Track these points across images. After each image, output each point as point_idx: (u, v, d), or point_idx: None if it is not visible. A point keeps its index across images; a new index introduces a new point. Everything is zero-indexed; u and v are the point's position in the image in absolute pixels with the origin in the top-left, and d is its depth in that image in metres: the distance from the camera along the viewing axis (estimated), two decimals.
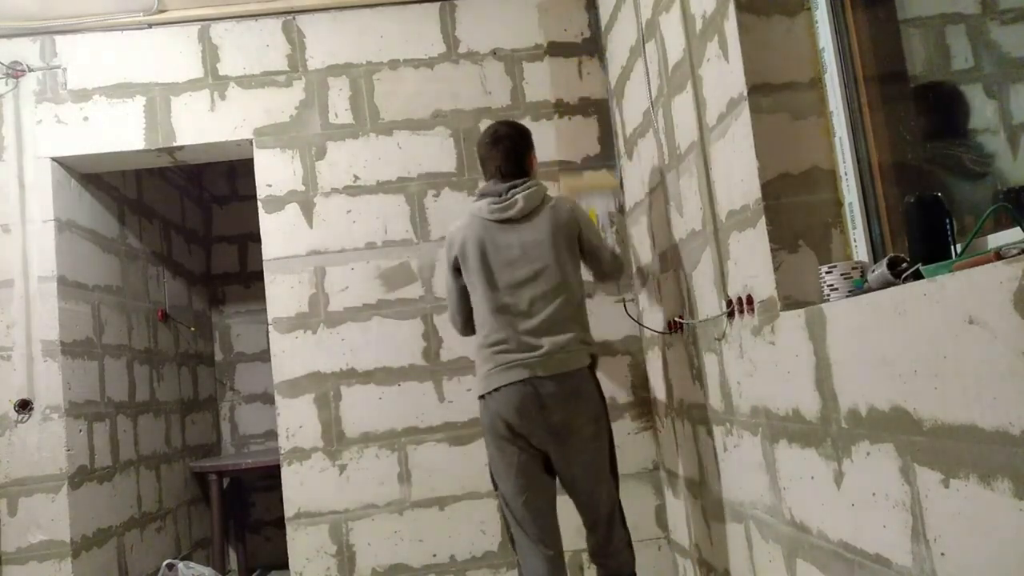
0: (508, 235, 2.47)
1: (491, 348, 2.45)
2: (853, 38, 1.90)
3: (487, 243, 2.47)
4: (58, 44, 3.47)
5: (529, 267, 2.45)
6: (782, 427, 1.96)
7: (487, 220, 2.49)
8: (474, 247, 2.48)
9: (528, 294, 2.43)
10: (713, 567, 2.69)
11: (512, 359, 2.40)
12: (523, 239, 2.46)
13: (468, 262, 2.50)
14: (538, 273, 2.44)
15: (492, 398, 2.43)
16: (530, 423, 2.40)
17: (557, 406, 2.39)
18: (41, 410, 3.26)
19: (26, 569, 3.17)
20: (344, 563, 3.26)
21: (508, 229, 2.48)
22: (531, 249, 2.45)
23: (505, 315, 2.43)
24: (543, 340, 2.40)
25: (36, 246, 3.35)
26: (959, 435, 1.27)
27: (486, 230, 2.49)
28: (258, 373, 5.15)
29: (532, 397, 2.38)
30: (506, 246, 2.47)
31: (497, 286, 2.45)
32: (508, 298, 2.44)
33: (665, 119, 2.68)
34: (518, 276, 2.45)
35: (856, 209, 1.88)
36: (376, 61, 3.53)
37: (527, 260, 2.45)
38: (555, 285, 2.44)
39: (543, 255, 2.45)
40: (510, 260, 2.46)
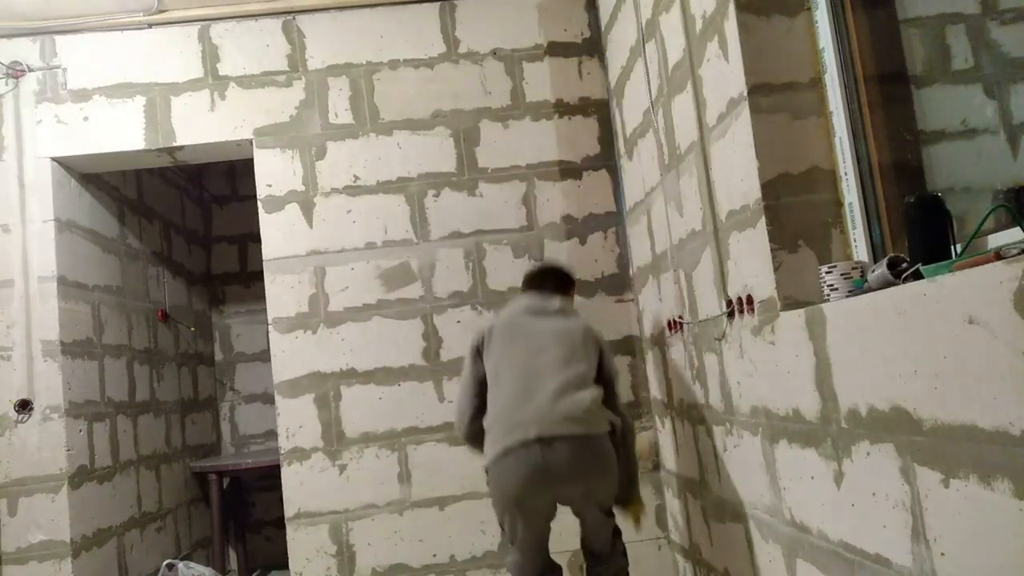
0: (541, 322, 2.47)
1: (503, 418, 2.33)
2: (853, 38, 1.90)
3: (518, 325, 2.47)
4: (58, 44, 3.47)
5: (555, 345, 2.39)
6: (782, 427, 1.96)
7: (524, 309, 2.52)
8: (504, 327, 2.47)
9: (549, 366, 2.35)
10: (713, 567, 2.69)
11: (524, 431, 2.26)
12: (555, 327, 2.45)
13: (494, 341, 2.45)
14: (563, 351, 2.38)
15: (497, 466, 2.29)
16: (540, 495, 2.28)
17: (569, 477, 2.25)
18: (41, 410, 3.26)
19: (26, 569, 3.17)
20: (344, 563, 3.26)
21: (542, 319, 2.48)
22: (562, 335, 2.42)
23: (524, 390, 2.33)
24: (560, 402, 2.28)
25: (36, 246, 3.35)
26: (959, 435, 1.27)
27: (520, 316, 2.50)
28: (258, 373, 5.15)
29: (540, 466, 2.22)
30: (537, 330, 2.45)
31: (520, 357, 2.39)
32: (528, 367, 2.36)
33: (665, 119, 2.68)
34: (542, 351, 2.39)
35: (856, 209, 1.88)
36: (376, 61, 3.53)
37: (557, 344, 2.39)
38: (577, 364, 2.37)
39: (572, 341, 2.41)
40: (540, 342, 2.41)
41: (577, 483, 2.28)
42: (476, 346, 2.51)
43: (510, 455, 2.26)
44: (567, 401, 2.29)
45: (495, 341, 2.46)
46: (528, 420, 2.27)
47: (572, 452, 2.25)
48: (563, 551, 2.84)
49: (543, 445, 2.23)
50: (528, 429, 2.25)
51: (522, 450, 2.25)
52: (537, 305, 2.52)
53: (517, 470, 2.25)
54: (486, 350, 2.47)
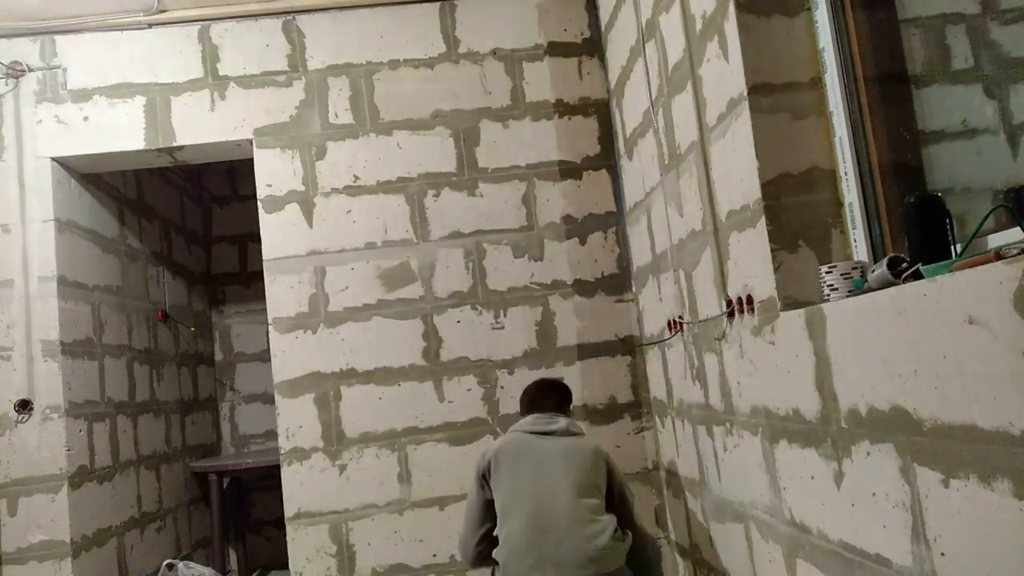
0: (548, 443, 2.43)
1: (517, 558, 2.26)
2: (853, 38, 1.90)
3: (525, 448, 2.42)
4: (58, 44, 3.47)
5: (564, 469, 2.34)
6: (782, 427, 1.96)
7: (530, 431, 2.47)
8: (511, 451, 2.42)
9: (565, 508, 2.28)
10: (713, 567, 2.69)
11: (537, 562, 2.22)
12: (563, 448, 2.41)
13: (501, 466, 2.40)
14: (573, 475, 2.33)
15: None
16: None
17: None
18: (41, 410, 3.26)
19: (26, 569, 3.17)
20: (344, 563, 3.27)
21: (549, 440, 2.44)
22: (571, 458, 2.37)
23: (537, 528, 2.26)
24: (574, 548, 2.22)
25: (36, 246, 3.35)
26: (959, 435, 1.27)
27: (526, 439, 2.45)
28: (258, 373, 5.16)
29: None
30: (544, 452, 2.40)
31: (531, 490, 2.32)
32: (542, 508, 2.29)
33: (665, 119, 2.68)
34: (551, 475, 2.34)
35: (856, 209, 1.88)
36: (376, 61, 3.54)
37: (566, 469, 2.34)
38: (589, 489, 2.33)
39: (581, 462, 2.36)
40: (549, 467, 2.35)
41: None
42: (482, 472, 2.45)
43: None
44: (582, 541, 2.23)
45: (503, 467, 2.40)
46: (544, 562, 2.22)
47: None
48: None
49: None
50: (544, 568, 2.21)
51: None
52: (542, 426, 2.48)
53: None
54: (493, 475, 2.41)
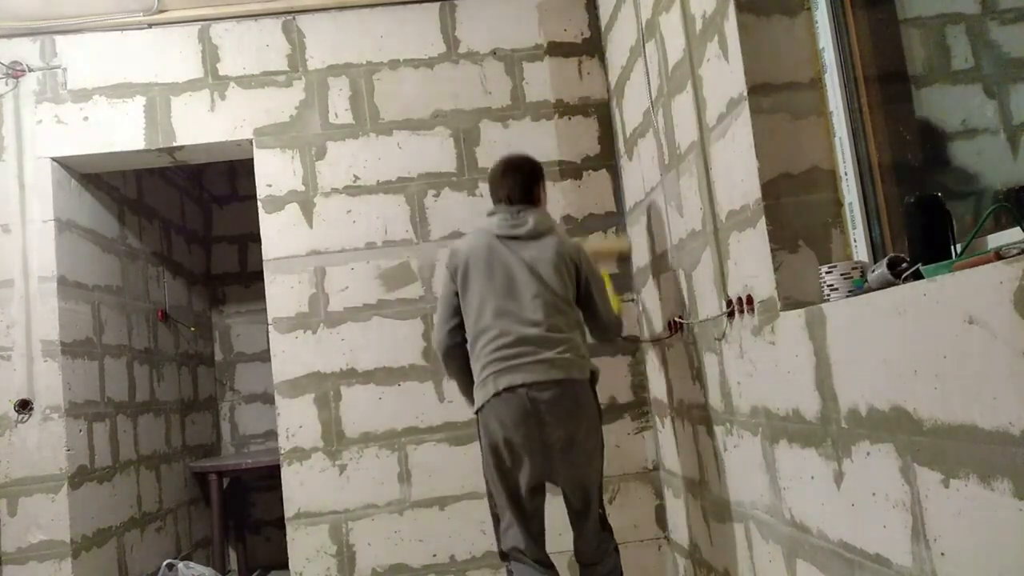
0: (515, 249, 2.48)
1: (488, 356, 2.41)
2: (853, 38, 1.90)
3: (493, 256, 2.48)
4: (58, 44, 3.47)
5: (532, 282, 2.44)
6: (782, 427, 1.96)
7: (496, 235, 2.51)
8: (478, 257, 2.48)
9: (529, 306, 2.42)
10: (713, 567, 2.69)
11: (510, 365, 2.37)
12: (530, 255, 2.47)
13: (471, 273, 2.49)
14: (540, 288, 2.43)
15: (490, 407, 2.39)
16: (529, 438, 2.36)
17: (556, 420, 2.35)
18: (41, 410, 3.26)
19: (26, 569, 3.17)
20: (344, 563, 3.27)
21: (516, 246, 2.49)
22: (536, 265, 2.46)
23: (504, 324, 2.41)
24: (542, 348, 2.38)
25: (36, 246, 3.35)
26: (959, 435, 1.27)
27: (492, 244, 2.50)
28: (258, 373, 5.15)
29: (531, 409, 2.34)
30: (511, 258, 2.47)
31: (497, 294, 2.44)
32: (508, 305, 2.43)
33: (665, 119, 2.68)
34: (519, 285, 2.44)
35: (856, 209, 1.88)
36: (376, 61, 3.53)
37: (530, 275, 2.45)
38: (556, 299, 2.44)
39: (547, 272, 2.45)
40: (513, 273, 2.45)
41: (561, 424, 2.36)
42: (451, 274, 2.53)
43: (500, 400, 2.36)
44: (549, 349, 2.38)
45: (471, 275, 2.48)
46: (514, 368, 2.36)
47: (556, 393, 2.35)
48: (561, 551, 2.83)
49: (529, 388, 2.34)
50: (513, 376, 2.35)
51: (510, 394, 2.35)
52: (508, 228, 2.50)
53: (508, 412, 2.35)
54: (461, 283, 2.50)
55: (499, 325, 2.42)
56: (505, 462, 2.40)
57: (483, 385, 2.42)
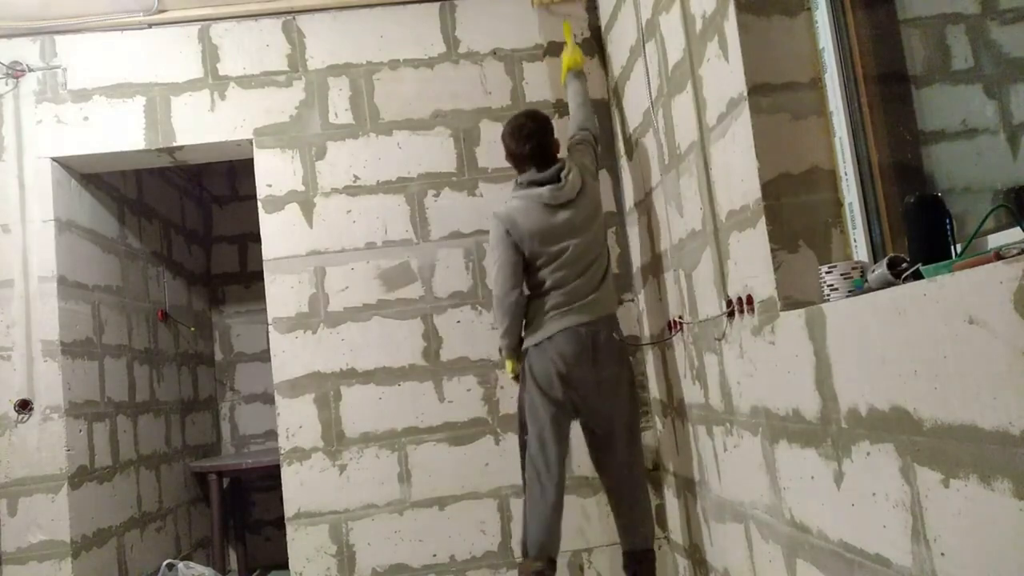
0: (562, 215, 2.75)
1: (553, 300, 2.72)
2: (853, 38, 1.90)
3: (550, 224, 2.74)
4: (58, 44, 3.47)
5: (580, 243, 2.74)
6: (782, 427, 1.96)
7: (547, 204, 2.74)
8: (539, 228, 2.73)
9: (584, 260, 2.74)
10: (713, 567, 2.69)
11: (572, 307, 2.70)
12: (575, 218, 2.76)
13: (534, 244, 2.74)
14: (585, 248, 2.76)
15: (552, 343, 2.69)
16: (583, 371, 2.69)
17: (608, 360, 2.72)
18: (41, 410, 3.26)
19: (26, 569, 3.17)
20: (344, 563, 3.26)
21: (562, 210, 2.76)
22: (580, 224, 2.76)
23: (566, 278, 2.72)
24: (593, 295, 2.74)
25: (36, 246, 3.35)
26: (959, 435, 1.27)
27: (544, 213, 2.74)
28: (258, 373, 5.15)
29: (588, 345, 2.68)
30: (561, 225, 2.74)
31: (560, 256, 2.73)
32: (569, 266, 2.73)
33: (665, 119, 2.68)
34: (572, 251, 2.73)
35: (856, 209, 1.88)
36: (376, 61, 3.53)
37: (579, 233, 2.75)
38: (599, 254, 2.81)
39: (593, 228, 2.80)
40: (566, 240, 2.74)
41: (610, 365, 2.73)
42: (515, 242, 2.76)
43: (564, 334, 2.69)
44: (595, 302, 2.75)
45: (535, 245, 2.74)
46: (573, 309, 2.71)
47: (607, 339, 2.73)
48: (562, 551, 2.83)
49: (585, 327, 2.70)
50: (574, 317, 2.70)
51: (572, 332, 2.69)
52: (554, 196, 2.74)
53: (568, 346, 2.68)
54: (528, 248, 2.75)
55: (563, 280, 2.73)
56: (556, 392, 2.69)
57: (545, 323, 2.72)
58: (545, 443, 2.70)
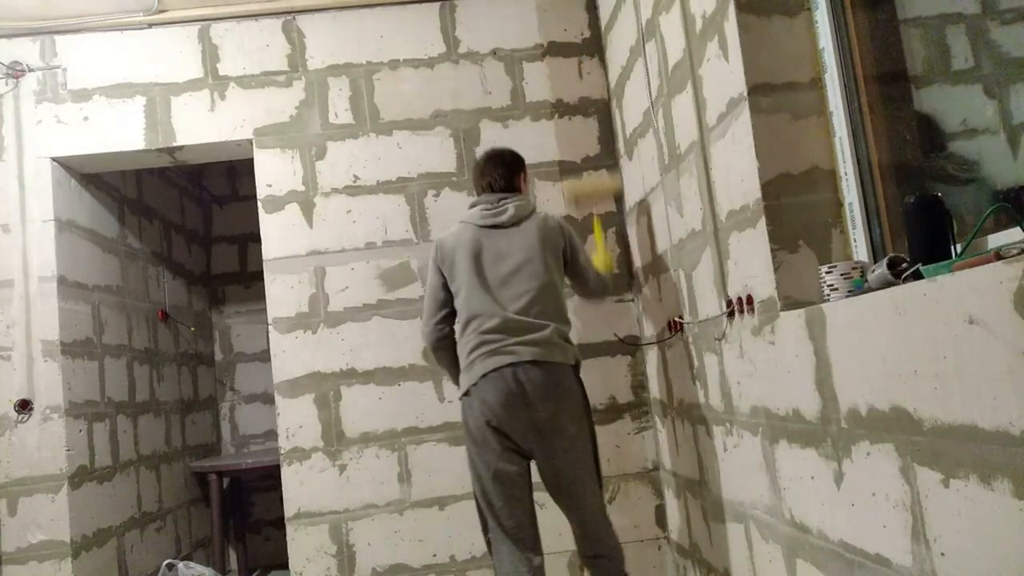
0: (498, 239, 2.55)
1: (475, 340, 2.47)
2: (853, 38, 1.90)
3: (477, 246, 2.54)
4: (58, 44, 3.47)
5: (516, 266, 2.51)
6: (782, 427, 1.96)
7: (478, 226, 2.57)
8: (464, 249, 2.54)
9: (514, 290, 2.49)
10: (713, 567, 2.69)
11: (496, 347, 2.43)
12: (512, 242, 2.54)
13: (456, 263, 2.55)
14: (524, 272, 2.50)
15: (477, 390, 2.44)
16: (515, 418, 2.41)
17: (541, 401, 2.40)
18: (41, 410, 3.26)
19: (26, 569, 3.17)
20: (344, 563, 3.26)
21: (498, 234, 2.56)
22: (519, 251, 2.53)
23: (490, 309, 2.47)
24: (528, 332, 2.44)
25: (36, 246, 3.35)
26: (959, 435, 1.27)
27: (476, 235, 2.56)
28: (258, 373, 5.15)
29: (517, 389, 2.39)
30: (495, 248, 2.54)
31: (484, 283, 2.50)
32: (494, 293, 2.49)
33: (665, 119, 2.68)
34: (504, 273, 2.51)
35: (856, 209, 1.88)
36: (376, 61, 3.53)
37: (514, 260, 2.51)
38: (541, 284, 2.50)
39: (531, 256, 2.52)
40: (498, 259, 2.52)
41: (546, 403, 2.41)
42: (436, 266, 2.60)
43: (488, 381, 2.41)
44: (533, 333, 2.44)
45: (457, 266, 2.54)
46: (499, 351, 2.42)
47: (541, 374, 2.41)
48: (562, 551, 2.83)
49: (515, 369, 2.40)
50: (500, 359, 2.41)
51: (497, 375, 2.40)
52: (491, 217, 2.56)
53: (495, 391, 2.40)
54: (448, 272, 2.57)
55: (486, 311, 2.47)
56: (491, 443, 2.43)
57: (470, 368, 2.47)
58: (493, 504, 2.46)
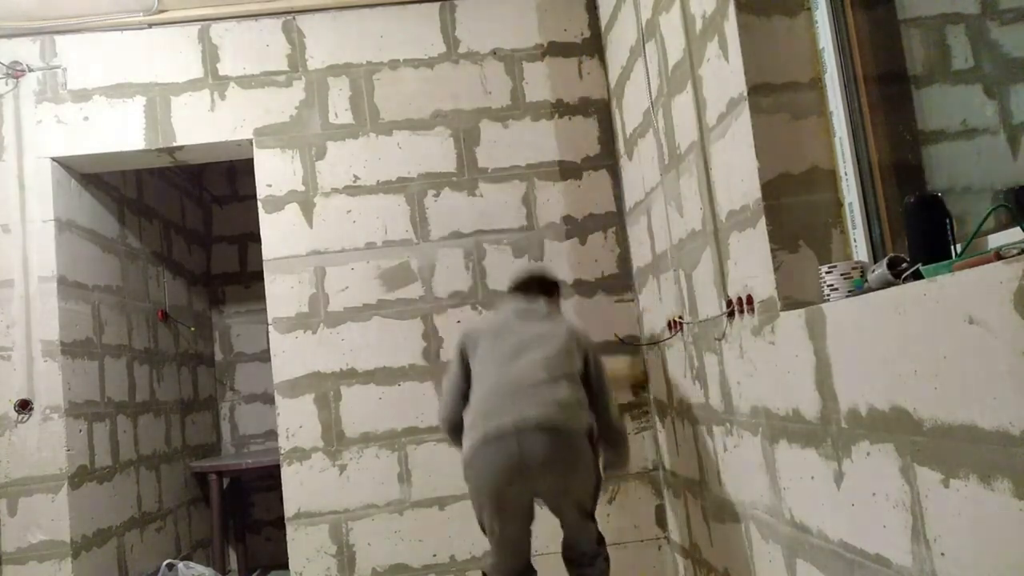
0: (525, 325, 2.51)
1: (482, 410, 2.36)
2: (853, 38, 1.90)
3: (503, 327, 2.51)
4: (58, 44, 3.47)
5: (539, 350, 2.41)
6: (782, 427, 1.96)
7: (509, 315, 2.56)
8: (489, 330, 2.52)
9: (533, 366, 2.37)
10: (713, 567, 2.69)
11: (500, 405, 2.31)
12: (540, 330, 2.48)
13: (480, 342, 2.49)
14: (547, 357, 2.39)
15: (474, 455, 2.30)
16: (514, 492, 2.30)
17: (545, 472, 2.25)
18: (41, 410, 3.26)
19: (26, 569, 3.17)
20: (344, 563, 3.26)
21: (527, 323, 2.52)
22: (547, 337, 2.45)
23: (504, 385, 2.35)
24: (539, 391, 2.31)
25: (36, 246, 3.35)
26: (959, 435, 1.27)
27: (506, 319, 2.55)
28: (258, 373, 5.15)
29: (516, 456, 2.23)
30: (521, 331, 2.48)
31: (503, 360, 2.41)
32: (512, 367, 2.38)
33: (665, 119, 2.68)
34: (526, 353, 2.40)
35: (856, 209, 1.88)
36: (376, 61, 3.53)
37: (541, 345, 2.42)
38: (561, 369, 2.38)
39: (555, 347, 2.42)
40: (522, 342, 2.44)
41: (551, 476, 2.27)
42: (461, 348, 2.55)
43: (488, 444, 2.27)
44: (545, 393, 2.30)
45: (481, 342, 2.49)
46: (505, 410, 2.28)
47: (547, 444, 2.24)
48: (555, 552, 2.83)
49: (519, 435, 2.24)
50: (504, 418, 2.27)
51: (498, 440, 2.25)
52: (523, 308, 2.57)
53: (494, 459, 2.26)
54: (471, 352, 2.51)
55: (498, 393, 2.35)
56: (492, 508, 2.34)
57: (472, 428, 2.35)
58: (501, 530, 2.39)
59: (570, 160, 3.51)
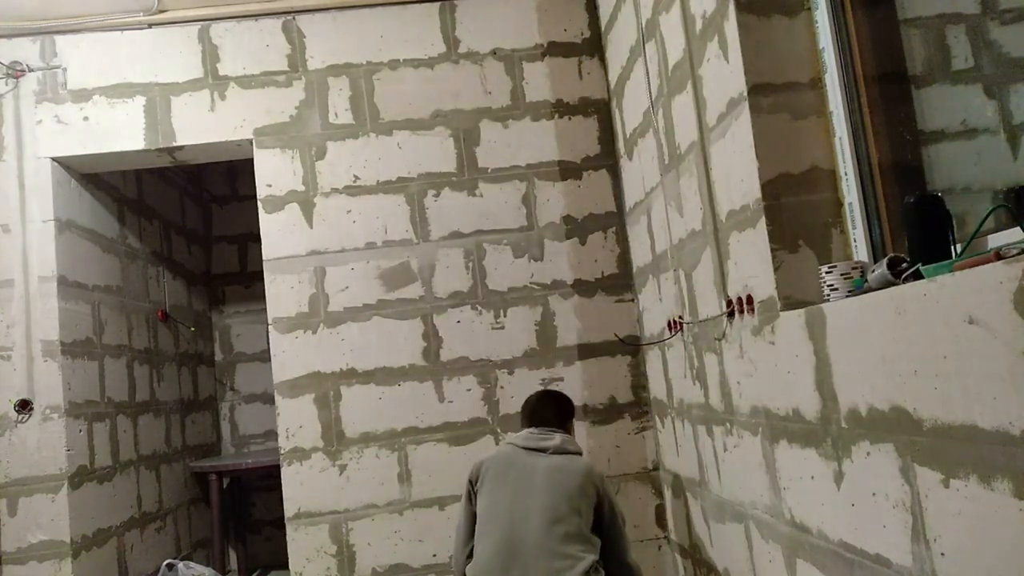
0: (536, 460, 2.37)
1: (483, 569, 2.25)
2: (853, 38, 1.90)
3: (513, 462, 2.38)
4: (58, 44, 3.47)
5: (547, 490, 2.29)
6: (782, 427, 1.96)
7: (520, 447, 2.43)
8: (498, 463, 2.40)
9: (540, 532, 2.23)
10: (713, 567, 2.69)
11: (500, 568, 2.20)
12: (551, 466, 2.34)
13: (487, 478, 2.38)
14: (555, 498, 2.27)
15: None
16: None
17: None
18: (41, 410, 3.26)
19: (26, 569, 3.17)
20: (344, 563, 3.26)
21: (538, 457, 2.39)
22: (556, 478, 2.30)
23: (509, 551, 2.23)
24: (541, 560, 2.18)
25: (36, 246, 3.35)
26: (959, 435, 1.27)
27: (516, 453, 2.42)
28: (258, 373, 5.16)
29: None
30: (531, 469, 2.35)
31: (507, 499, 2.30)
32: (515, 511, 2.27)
33: (665, 119, 2.68)
34: (532, 494, 2.29)
35: (856, 209, 1.88)
36: (376, 61, 3.53)
37: (547, 483, 2.30)
38: (573, 533, 2.24)
39: (568, 491, 2.28)
40: (529, 478, 2.32)
41: None
42: (470, 481, 2.45)
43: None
44: (545, 566, 2.18)
45: (488, 479, 2.38)
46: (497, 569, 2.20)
47: None
48: None
49: None
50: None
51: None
52: (535, 441, 2.43)
53: None
54: (478, 486, 2.41)
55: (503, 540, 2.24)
56: None
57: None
58: None
59: (570, 160, 3.51)
